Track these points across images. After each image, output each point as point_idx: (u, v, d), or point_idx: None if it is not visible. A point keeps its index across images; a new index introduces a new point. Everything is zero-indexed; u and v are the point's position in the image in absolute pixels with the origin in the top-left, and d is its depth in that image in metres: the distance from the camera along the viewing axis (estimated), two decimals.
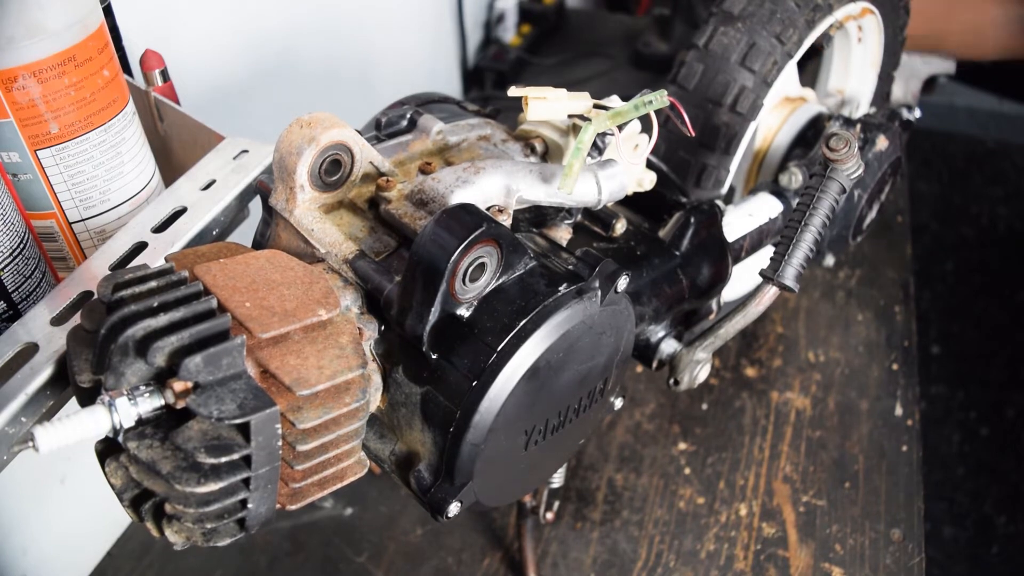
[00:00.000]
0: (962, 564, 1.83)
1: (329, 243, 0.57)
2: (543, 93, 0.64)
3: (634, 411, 1.10)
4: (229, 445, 0.42)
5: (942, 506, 1.92)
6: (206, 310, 0.45)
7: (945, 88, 2.94)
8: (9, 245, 0.57)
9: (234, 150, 0.71)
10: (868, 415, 1.08)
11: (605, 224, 0.74)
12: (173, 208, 0.65)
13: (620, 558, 0.94)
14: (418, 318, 0.53)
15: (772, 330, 1.22)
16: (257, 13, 1.12)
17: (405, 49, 1.59)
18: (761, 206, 0.92)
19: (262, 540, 0.96)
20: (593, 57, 1.95)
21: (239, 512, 0.46)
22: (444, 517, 0.56)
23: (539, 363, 0.54)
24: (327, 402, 0.48)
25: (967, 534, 1.88)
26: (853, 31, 1.12)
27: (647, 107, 0.65)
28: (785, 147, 1.06)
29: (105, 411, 0.42)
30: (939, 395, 2.19)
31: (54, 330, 0.54)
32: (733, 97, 0.90)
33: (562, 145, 0.69)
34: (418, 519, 0.99)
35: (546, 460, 0.66)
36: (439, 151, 0.69)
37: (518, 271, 0.56)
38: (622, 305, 0.61)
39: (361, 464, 0.54)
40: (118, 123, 0.64)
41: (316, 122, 0.56)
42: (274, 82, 1.17)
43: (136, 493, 0.47)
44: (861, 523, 0.96)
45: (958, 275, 2.47)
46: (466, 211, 0.52)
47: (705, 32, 0.93)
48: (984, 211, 2.67)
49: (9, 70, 0.56)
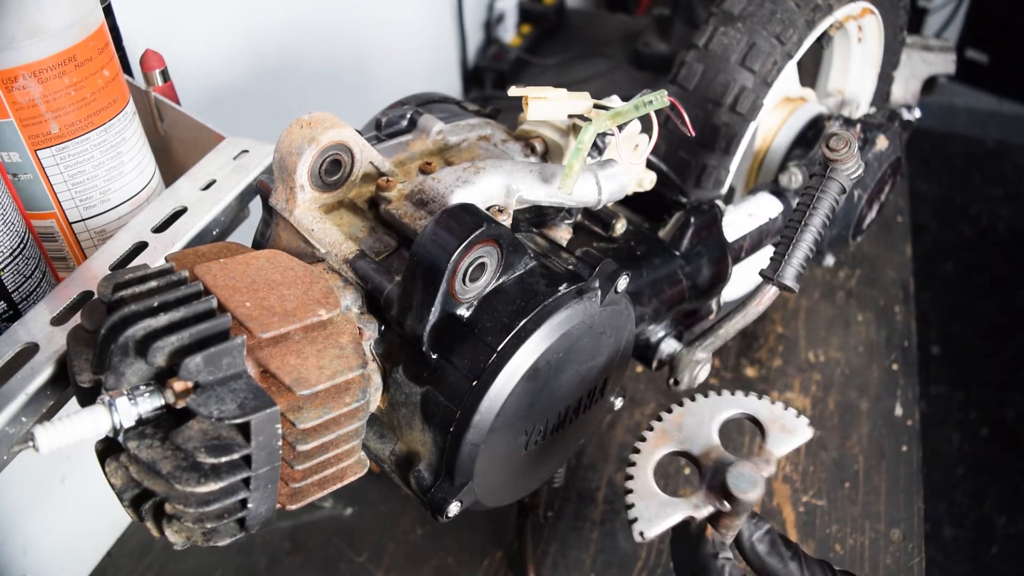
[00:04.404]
0: (962, 564, 1.83)
1: (329, 243, 0.57)
2: (543, 93, 0.65)
3: (634, 411, 1.10)
4: (229, 445, 0.42)
5: (942, 506, 1.92)
6: (206, 310, 0.45)
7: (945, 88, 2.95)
8: (9, 245, 0.57)
9: (234, 150, 0.71)
10: (868, 415, 1.08)
11: (605, 224, 0.74)
12: (173, 208, 0.65)
13: (620, 558, 0.94)
14: (418, 318, 0.53)
15: (772, 330, 1.22)
16: (257, 13, 1.12)
17: (405, 49, 1.59)
18: (761, 206, 0.92)
19: (262, 540, 0.96)
20: (593, 57, 1.95)
21: (239, 512, 0.46)
22: (444, 517, 0.56)
23: (539, 363, 0.54)
24: (327, 402, 0.48)
25: (967, 534, 1.88)
26: (853, 31, 1.12)
27: (647, 107, 0.65)
28: (785, 147, 1.06)
29: (105, 411, 0.42)
30: (939, 395, 2.19)
31: (54, 330, 0.54)
32: (733, 97, 0.90)
33: (562, 145, 0.69)
34: (418, 519, 0.99)
35: (546, 460, 0.66)
36: (439, 151, 0.69)
37: (518, 271, 0.56)
38: (622, 305, 0.61)
39: (361, 464, 0.54)
40: (118, 123, 0.64)
41: (316, 122, 0.56)
42: (274, 82, 1.17)
43: (136, 493, 0.47)
44: (861, 523, 0.96)
45: (958, 275, 2.47)
46: (466, 211, 0.52)
47: (705, 32, 0.93)
48: (984, 211, 2.67)
49: (9, 70, 0.56)
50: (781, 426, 0.66)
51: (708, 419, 0.66)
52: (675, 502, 0.62)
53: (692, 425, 0.66)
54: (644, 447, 0.65)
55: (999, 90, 2.90)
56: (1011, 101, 2.89)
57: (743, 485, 0.60)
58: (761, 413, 0.67)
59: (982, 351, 2.28)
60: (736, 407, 0.67)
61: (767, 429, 0.66)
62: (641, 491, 0.63)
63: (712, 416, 0.66)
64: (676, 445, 0.65)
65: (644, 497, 0.62)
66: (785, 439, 0.65)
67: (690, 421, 0.66)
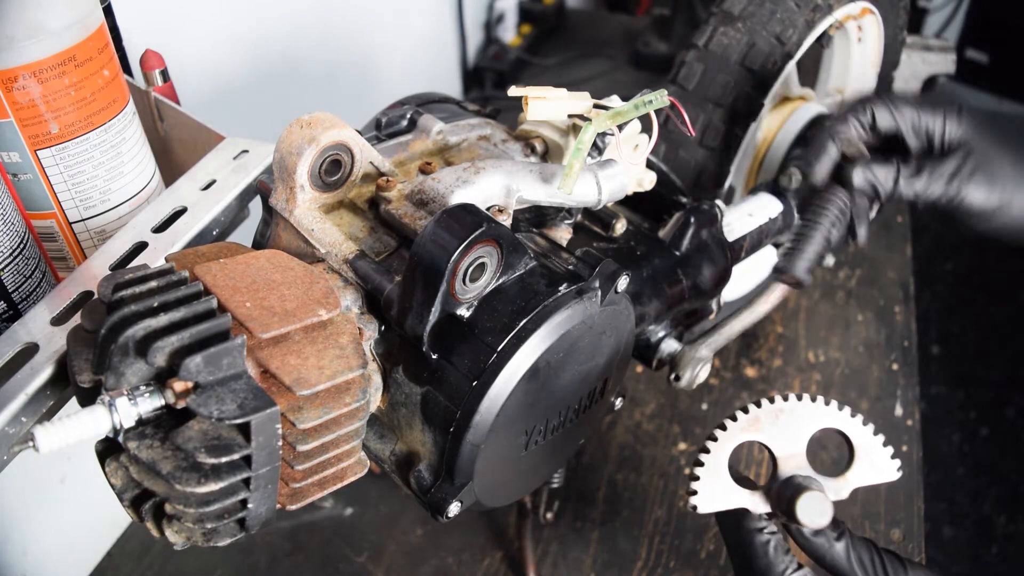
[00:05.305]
0: (962, 564, 1.83)
1: (329, 243, 0.57)
2: (543, 93, 0.64)
3: (634, 411, 1.10)
4: (229, 445, 0.42)
5: (942, 506, 1.92)
6: (206, 310, 0.45)
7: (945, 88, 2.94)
8: (9, 245, 0.57)
9: (234, 150, 0.71)
10: (868, 415, 1.08)
11: (605, 224, 0.74)
12: (173, 208, 0.65)
13: (620, 558, 0.94)
14: (418, 318, 0.53)
15: (772, 330, 1.22)
16: (257, 13, 1.12)
17: (405, 49, 1.59)
18: (761, 206, 0.92)
19: (262, 540, 0.96)
20: (593, 57, 1.95)
21: (239, 512, 0.46)
22: (444, 517, 0.56)
23: (539, 363, 0.54)
24: (327, 402, 0.48)
25: (967, 534, 1.88)
26: (853, 31, 1.12)
27: (647, 107, 0.65)
28: (785, 147, 1.06)
29: (105, 411, 0.42)
30: (939, 395, 2.19)
31: (54, 330, 0.54)
32: (734, 97, 0.90)
33: (562, 145, 0.69)
34: (418, 519, 0.99)
35: (546, 460, 0.66)
36: (439, 151, 0.69)
37: (518, 271, 0.56)
38: (622, 305, 0.61)
39: (361, 464, 0.54)
40: (118, 123, 0.64)
41: (316, 122, 0.56)
42: (274, 82, 1.17)
43: (136, 493, 0.47)
44: (861, 523, 0.96)
45: (958, 275, 2.47)
46: (466, 211, 0.52)
47: (705, 32, 0.93)
48: None
49: (9, 70, 0.56)
50: (871, 459, 0.63)
51: (804, 424, 0.64)
52: (739, 491, 0.63)
53: (787, 424, 0.64)
54: (731, 427, 0.64)
55: (999, 90, 2.90)
56: (1011, 101, 2.89)
57: (812, 514, 0.59)
58: (858, 439, 0.64)
59: (982, 351, 2.28)
60: (837, 422, 0.64)
61: (856, 456, 0.64)
62: (711, 468, 0.63)
63: (809, 423, 0.64)
64: (763, 437, 0.64)
65: (711, 475, 0.63)
66: (869, 473, 0.63)
67: (787, 420, 0.64)
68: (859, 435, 0.64)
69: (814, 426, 0.64)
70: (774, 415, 0.64)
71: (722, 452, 0.63)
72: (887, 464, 0.64)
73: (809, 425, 0.64)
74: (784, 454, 0.64)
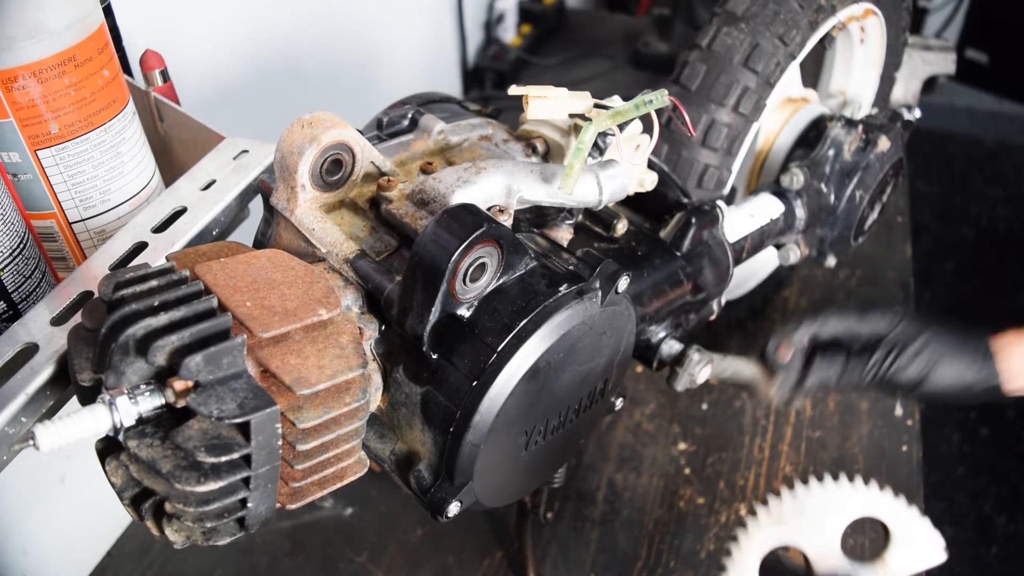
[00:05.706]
0: (962, 564, 1.83)
1: (330, 243, 0.57)
2: (544, 92, 0.64)
3: (634, 411, 1.10)
4: (229, 444, 0.42)
5: (942, 506, 1.92)
6: (207, 309, 0.45)
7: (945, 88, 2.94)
8: (9, 245, 0.57)
9: (234, 150, 0.71)
10: (868, 415, 1.08)
11: (606, 224, 0.74)
12: (173, 208, 0.65)
13: (620, 558, 0.94)
14: (418, 318, 0.53)
15: (772, 330, 1.22)
16: (257, 13, 1.12)
17: (405, 49, 1.59)
18: (763, 207, 0.92)
19: (262, 540, 0.96)
20: (593, 57, 1.95)
21: (239, 511, 0.46)
22: (444, 517, 0.56)
23: (539, 363, 0.54)
24: (327, 402, 0.48)
25: (967, 534, 1.88)
26: (856, 32, 1.12)
27: (648, 107, 0.65)
28: (787, 148, 1.06)
29: (106, 410, 0.42)
30: None
31: (54, 330, 0.54)
32: (736, 98, 0.90)
33: (563, 145, 0.69)
34: (418, 519, 0.99)
35: (546, 460, 0.66)
36: (440, 151, 0.68)
37: (519, 271, 0.56)
38: (623, 306, 0.61)
39: (361, 464, 0.54)
40: (118, 123, 0.64)
41: (317, 122, 0.56)
42: (274, 82, 1.17)
43: (136, 492, 0.46)
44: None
45: (958, 275, 2.47)
46: (467, 211, 0.52)
47: (708, 32, 0.93)
48: (984, 211, 2.67)
49: (9, 70, 0.56)
50: (911, 541, 0.58)
51: (835, 514, 0.58)
52: None
53: (815, 516, 0.57)
54: (753, 526, 0.57)
55: (999, 90, 2.90)
56: (1011, 101, 2.89)
57: None
58: (892, 519, 0.58)
59: None
60: (868, 509, 0.58)
61: (893, 537, 0.59)
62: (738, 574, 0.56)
63: (841, 513, 0.58)
64: (791, 536, 0.57)
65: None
66: (911, 557, 0.58)
67: (814, 511, 0.57)
68: (893, 514, 0.59)
69: (847, 517, 0.58)
70: (799, 509, 0.57)
71: (749, 558, 0.57)
72: (929, 543, 0.58)
73: (841, 516, 0.58)
74: (817, 553, 0.57)
